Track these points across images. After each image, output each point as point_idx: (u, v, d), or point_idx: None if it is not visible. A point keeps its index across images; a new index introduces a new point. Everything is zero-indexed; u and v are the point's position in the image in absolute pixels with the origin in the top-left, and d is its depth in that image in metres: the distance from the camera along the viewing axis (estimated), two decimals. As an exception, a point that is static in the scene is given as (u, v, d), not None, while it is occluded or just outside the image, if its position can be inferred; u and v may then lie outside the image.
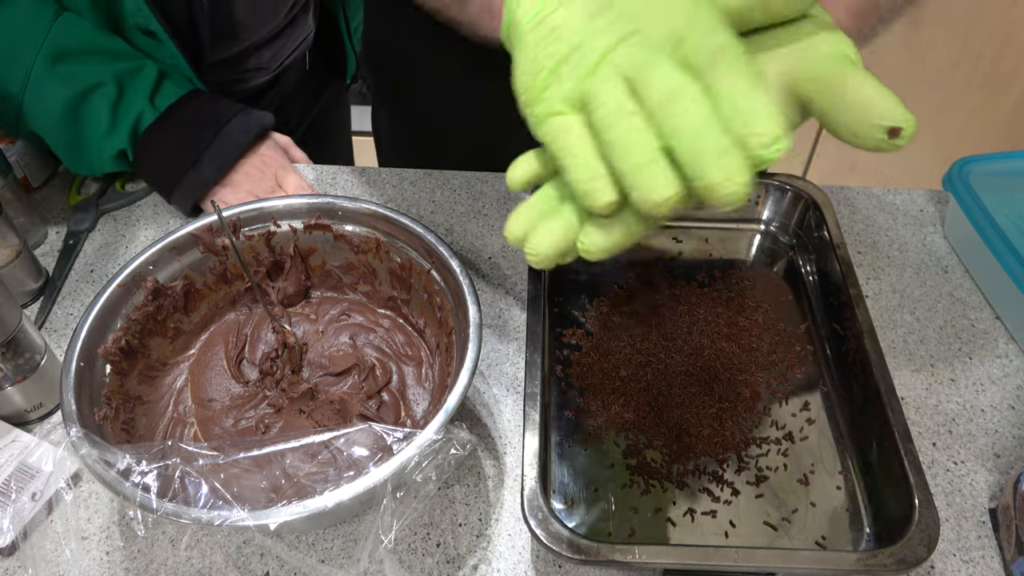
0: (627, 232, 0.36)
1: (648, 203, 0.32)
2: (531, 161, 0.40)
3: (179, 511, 0.42)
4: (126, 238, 0.72)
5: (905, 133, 0.33)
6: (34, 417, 0.57)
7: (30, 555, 0.50)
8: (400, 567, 0.50)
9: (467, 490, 0.54)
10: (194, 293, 0.59)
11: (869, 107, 0.33)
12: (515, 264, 0.69)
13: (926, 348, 0.63)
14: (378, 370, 0.58)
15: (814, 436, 0.56)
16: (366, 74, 0.82)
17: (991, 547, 0.52)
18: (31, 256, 0.65)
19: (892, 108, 0.33)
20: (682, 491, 0.53)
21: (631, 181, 0.33)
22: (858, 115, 0.33)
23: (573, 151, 0.35)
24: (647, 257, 0.68)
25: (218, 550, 0.51)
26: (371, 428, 0.49)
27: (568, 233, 0.37)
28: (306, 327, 0.62)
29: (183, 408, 0.56)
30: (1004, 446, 0.57)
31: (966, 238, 0.69)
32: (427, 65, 0.74)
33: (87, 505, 0.53)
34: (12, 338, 0.53)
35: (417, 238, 0.57)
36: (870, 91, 0.33)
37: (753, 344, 0.61)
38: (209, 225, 0.58)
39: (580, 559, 0.45)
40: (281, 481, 0.49)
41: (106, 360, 0.52)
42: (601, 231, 0.36)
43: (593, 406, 0.57)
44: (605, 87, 0.34)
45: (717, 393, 0.57)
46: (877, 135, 0.33)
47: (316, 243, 0.61)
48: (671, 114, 0.32)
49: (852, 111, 0.34)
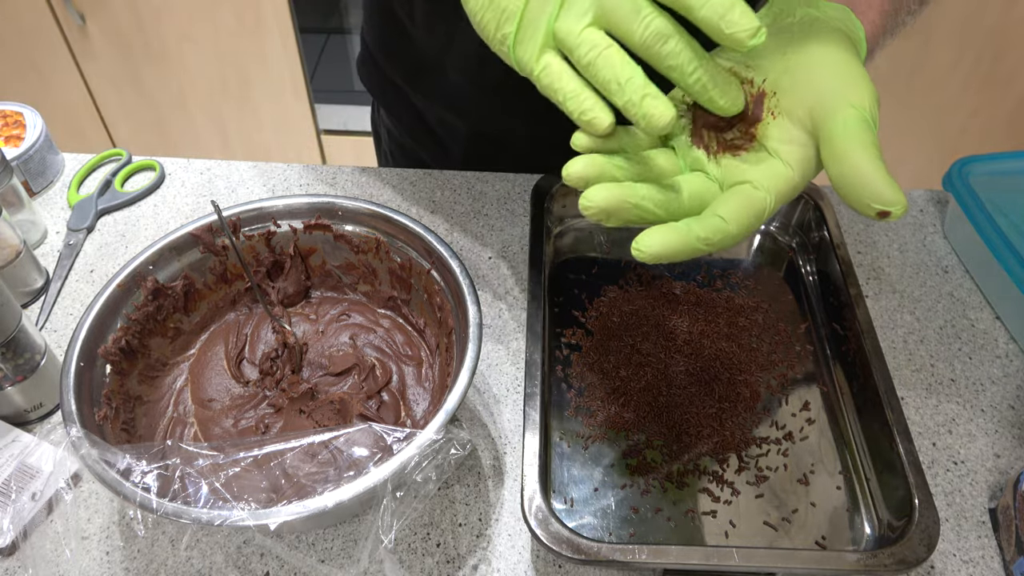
0: (683, 241, 0.39)
1: (654, 129, 0.38)
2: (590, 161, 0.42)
3: (179, 511, 0.42)
4: (126, 238, 0.72)
5: (894, 214, 0.37)
6: (34, 417, 0.57)
7: (30, 555, 0.50)
8: (400, 567, 0.50)
9: (467, 490, 0.54)
10: (194, 293, 0.59)
11: (865, 187, 0.37)
12: (515, 264, 0.69)
13: (926, 348, 0.63)
14: (378, 370, 0.58)
15: (814, 436, 0.56)
16: (366, 73, 0.82)
17: (991, 547, 0.52)
18: (31, 256, 0.65)
19: (883, 192, 0.36)
20: (682, 491, 0.53)
21: (633, 113, 0.38)
22: (855, 191, 0.37)
23: (567, 92, 0.40)
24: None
25: (218, 550, 0.51)
26: (371, 428, 0.49)
27: (624, 197, 0.40)
28: (306, 327, 0.62)
29: (183, 408, 0.56)
30: (1004, 446, 0.57)
31: (966, 238, 0.69)
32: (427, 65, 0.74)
33: (87, 505, 0.53)
34: (12, 338, 0.53)
35: (417, 238, 0.57)
36: (868, 173, 0.37)
37: (753, 344, 0.61)
38: (209, 225, 0.58)
39: (580, 559, 0.45)
40: (281, 481, 0.49)
41: (106, 360, 0.52)
42: (657, 235, 0.39)
43: (593, 406, 0.57)
44: (577, 29, 0.38)
45: (717, 393, 0.57)
46: (869, 212, 0.37)
47: (316, 243, 0.61)
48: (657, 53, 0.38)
49: (851, 186, 0.37)
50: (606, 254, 0.69)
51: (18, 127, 0.74)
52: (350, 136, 1.85)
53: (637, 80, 0.38)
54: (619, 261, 0.68)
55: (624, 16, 0.38)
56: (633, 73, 0.38)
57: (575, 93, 0.40)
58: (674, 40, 0.37)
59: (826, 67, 0.41)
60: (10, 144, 0.73)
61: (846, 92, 0.39)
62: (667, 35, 0.37)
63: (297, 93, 1.74)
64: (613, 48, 0.38)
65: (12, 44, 1.71)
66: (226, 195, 0.76)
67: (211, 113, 1.82)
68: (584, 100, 0.40)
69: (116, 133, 1.90)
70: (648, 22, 0.37)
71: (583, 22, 0.39)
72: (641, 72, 0.38)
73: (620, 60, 0.38)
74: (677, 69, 0.38)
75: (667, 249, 0.38)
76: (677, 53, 0.38)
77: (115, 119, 1.87)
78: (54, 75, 1.77)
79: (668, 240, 0.39)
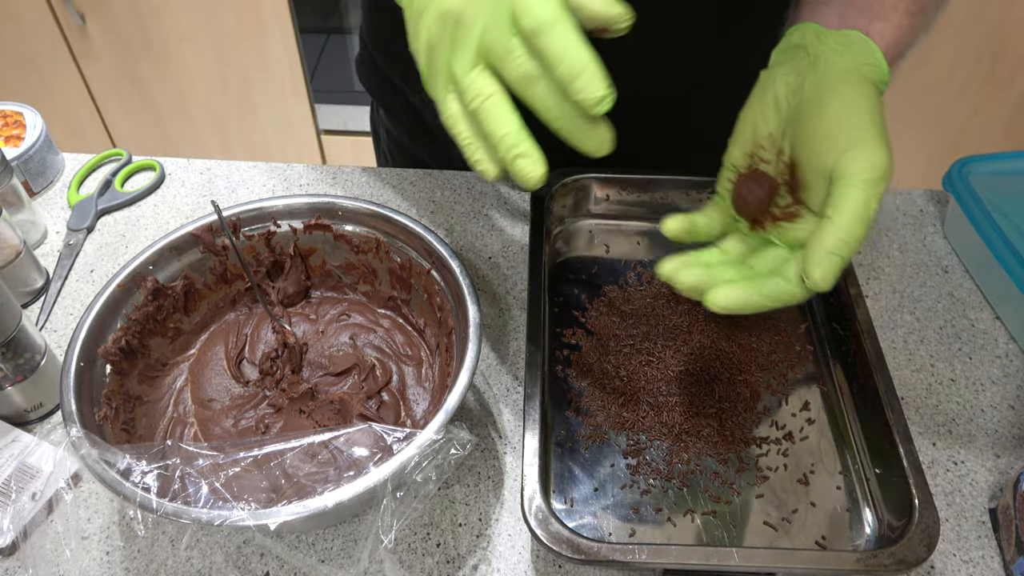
0: (747, 295, 0.45)
1: (527, 185, 0.40)
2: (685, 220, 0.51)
3: (179, 511, 0.42)
4: (126, 238, 0.72)
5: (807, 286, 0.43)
6: (34, 417, 0.57)
7: (30, 555, 0.50)
8: (400, 567, 0.50)
9: (467, 490, 0.54)
10: (194, 293, 0.59)
11: (808, 261, 0.42)
12: (515, 264, 0.69)
13: (926, 348, 0.63)
14: (378, 370, 0.58)
15: (814, 436, 0.56)
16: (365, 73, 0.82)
17: (991, 547, 0.52)
18: (31, 256, 0.65)
19: (810, 270, 0.42)
20: (682, 491, 0.53)
21: (509, 169, 0.40)
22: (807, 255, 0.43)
23: (462, 138, 0.42)
24: (647, 257, 0.68)
25: (218, 550, 0.51)
26: (371, 428, 0.49)
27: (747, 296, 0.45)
28: (306, 327, 0.62)
29: (183, 408, 0.56)
30: (1004, 446, 0.57)
31: (966, 238, 0.69)
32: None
33: (87, 505, 0.53)
34: (12, 338, 0.53)
35: (417, 238, 0.57)
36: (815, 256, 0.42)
37: (753, 344, 0.61)
38: (209, 225, 0.58)
39: (580, 559, 0.45)
40: (281, 481, 0.49)
41: (106, 360, 0.52)
42: (728, 290, 0.45)
43: (593, 406, 0.57)
44: (465, 70, 0.40)
45: (717, 393, 0.57)
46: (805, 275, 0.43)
47: (316, 243, 0.61)
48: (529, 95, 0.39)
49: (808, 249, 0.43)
50: (606, 254, 0.69)
51: (18, 127, 0.74)
52: (350, 136, 1.85)
53: (511, 138, 0.39)
54: (619, 261, 0.68)
55: (498, 56, 0.39)
56: (509, 128, 0.39)
57: (468, 141, 0.41)
58: (542, 84, 0.38)
59: (838, 139, 0.44)
60: (10, 144, 0.73)
61: (854, 166, 0.43)
62: (535, 78, 0.38)
63: (297, 93, 1.74)
64: (495, 97, 0.39)
65: (12, 44, 1.71)
66: (226, 195, 0.76)
67: (211, 113, 1.82)
68: (476, 150, 0.41)
69: (116, 133, 1.90)
70: (518, 64, 0.38)
71: (470, 62, 0.40)
72: (518, 126, 0.39)
73: (499, 111, 0.39)
74: (543, 112, 0.39)
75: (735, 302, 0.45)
76: (543, 97, 0.38)
77: (115, 119, 1.87)
78: (54, 75, 1.77)
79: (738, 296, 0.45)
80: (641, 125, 0.57)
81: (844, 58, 0.47)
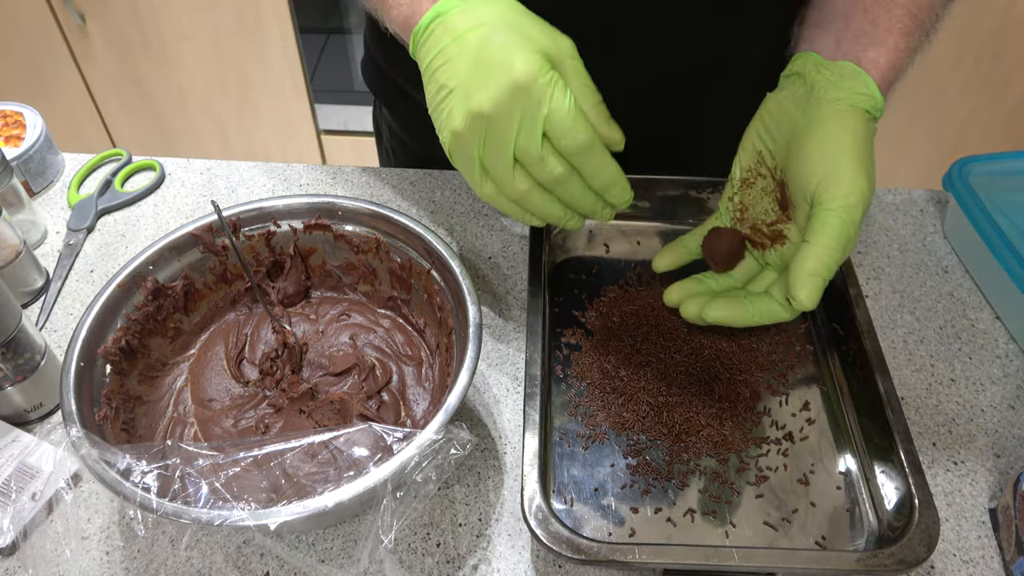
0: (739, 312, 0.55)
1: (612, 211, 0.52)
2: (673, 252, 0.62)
3: (179, 511, 0.42)
4: (126, 238, 0.72)
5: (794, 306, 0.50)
6: (34, 417, 0.57)
7: (30, 555, 0.50)
8: (400, 567, 0.50)
9: (467, 490, 0.54)
10: (194, 293, 0.59)
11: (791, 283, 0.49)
12: (515, 264, 0.69)
13: (926, 348, 0.63)
14: (378, 370, 0.58)
15: (814, 436, 0.56)
16: (368, 73, 0.82)
17: (991, 547, 0.52)
18: (31, 256, 0.65)
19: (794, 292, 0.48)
20: (682, 491, 0.53)
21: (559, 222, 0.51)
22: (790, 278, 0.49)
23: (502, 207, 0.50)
24: (647, 257, 0.68)
25: (218, 550, 0.51)
26: (371, 428, 0.49)
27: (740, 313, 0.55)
28: (306, 327, 0.62)
29: (183, 408, 0.56)
30: (1004, 446, 0.57)
31: (966, 238, 0.69)
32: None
33: (87, 505, 0.53)
34: (12, 338, 0.53)
35: (417, 238, 0.57)
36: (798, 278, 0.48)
37: (753, 344, 0.61)
38: (209, 225, 0.58)
39: (580, 559, 0.45)
40: (281, 481, 0.49)
41: (106, 360, 0.52)
42: (721, 305, 0.55)
43: (593, 406, 0.57)
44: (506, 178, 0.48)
45: (717, 393, 0.57)
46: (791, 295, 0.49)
47: (316, 243, 0.61)
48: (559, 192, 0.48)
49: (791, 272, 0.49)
50: (606, 254, 0.69)
51: (18, 127, 0.74)
52: (350, 136, 1.85)
53: (552, 219, 0.51)
54: (619, 261, 0.68)
55: (531, 161, 0.46)
56: (557, 214, 0.50)
57: (508, 211, 0.51)
58: (572, 183, 0.48)
59: (820, 164, 0.49)
60: (10, 144, 0.73)
61: (833, 191, 0.48)
62: (566, 180, 0.47)
63: (297, 93, 1.74)
64: (534, 191, 0.48)
65: (12, 44, 1.71)
66: (226, 195, 0.76)
67: (211, 113, 1.82)
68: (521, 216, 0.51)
69: (116, 133, 1.90)
70: (551, 169, 0.46)
71: (506, 163, 0.47)
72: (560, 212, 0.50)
73: (542, 202, 0.49)
74: (569, 201, 0.49)
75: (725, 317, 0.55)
76: (573, 193, 0.48)
77: (115, 119, 1.87)
78: (54, 75, 1.77)
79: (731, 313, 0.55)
80: (642, 126, 0.57)
81: (836, 88, 0.50)
